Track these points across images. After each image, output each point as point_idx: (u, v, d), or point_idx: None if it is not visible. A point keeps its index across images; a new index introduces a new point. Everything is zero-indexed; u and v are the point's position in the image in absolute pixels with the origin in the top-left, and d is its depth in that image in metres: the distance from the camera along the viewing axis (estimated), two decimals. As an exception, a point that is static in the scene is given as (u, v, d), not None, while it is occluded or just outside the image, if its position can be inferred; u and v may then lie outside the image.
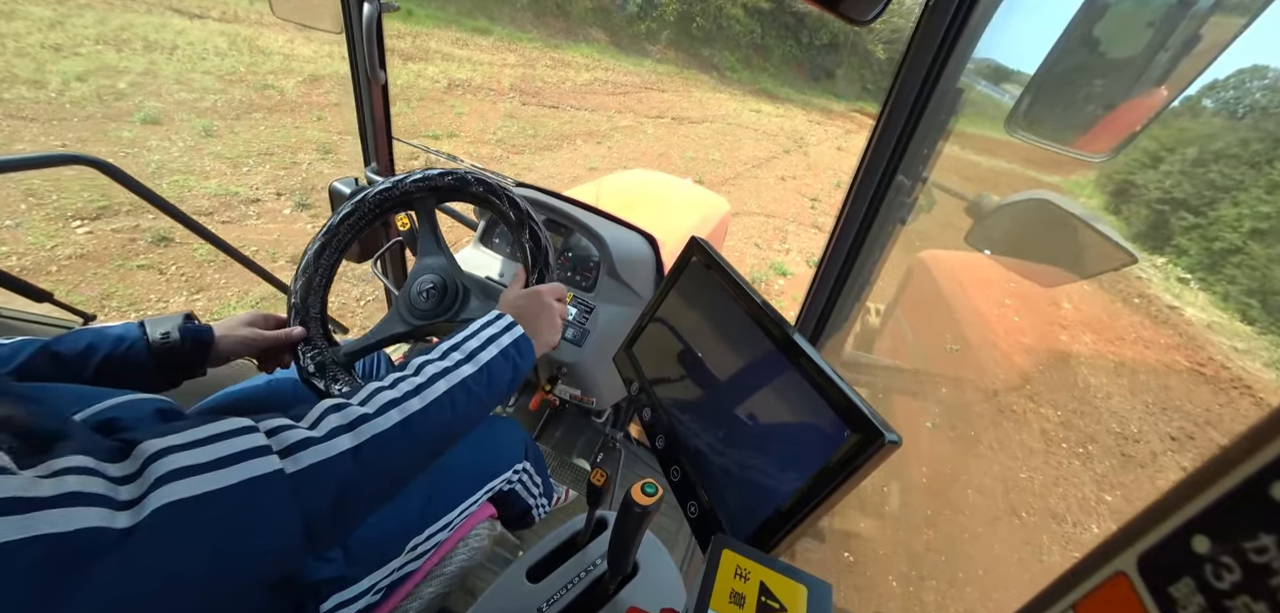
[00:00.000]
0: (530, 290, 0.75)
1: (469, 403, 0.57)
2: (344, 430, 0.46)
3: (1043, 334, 4.22)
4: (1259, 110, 8.77)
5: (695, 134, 9.10)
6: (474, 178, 0.85)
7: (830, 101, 16.88)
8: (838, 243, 0.93)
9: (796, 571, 0.42)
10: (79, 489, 0.32)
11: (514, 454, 0.96)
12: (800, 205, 6.69)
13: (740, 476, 0.52)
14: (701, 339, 0.63)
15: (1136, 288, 5.86)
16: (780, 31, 17.27)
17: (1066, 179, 6.87)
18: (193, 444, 0.39)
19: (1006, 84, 7.06)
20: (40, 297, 0.98)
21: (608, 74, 11.60)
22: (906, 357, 1.88)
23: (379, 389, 0.52)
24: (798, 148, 10.00)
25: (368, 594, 0.71)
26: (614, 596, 0.71)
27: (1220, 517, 0.18)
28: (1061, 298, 4.77)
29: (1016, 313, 4.16)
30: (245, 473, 0.39)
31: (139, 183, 1.06)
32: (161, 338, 0.70)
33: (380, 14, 1.19)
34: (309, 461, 0.43)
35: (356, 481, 0.45)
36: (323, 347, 0.84)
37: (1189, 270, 6.25)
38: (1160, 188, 7.23)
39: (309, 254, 0.86)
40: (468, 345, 0.61)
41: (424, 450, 0.53)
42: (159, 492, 0.35)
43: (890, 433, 0.41)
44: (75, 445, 0.35)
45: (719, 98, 12.91)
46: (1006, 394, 3.25)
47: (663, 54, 14.88)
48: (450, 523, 0.83)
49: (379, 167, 1.47)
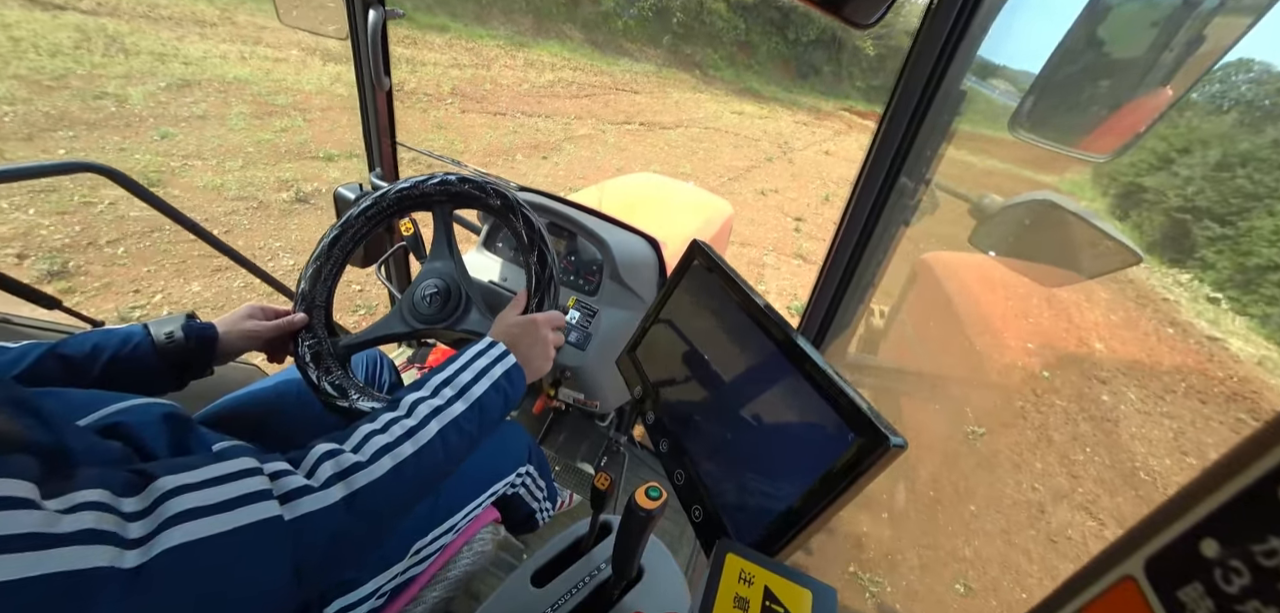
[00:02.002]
0: (527, 319, 0.75)
1: (460, 441, 0.58)
2: (338, 479, 0.47)
3: (1079, 387, 3.72)
4: (1244, 104, 8.63)
5: (665, 142, 8.12)
6: (494, 190, 0.85)
7: (818, 100, 16.32)
8: (841, 245, 0.93)
9: (801, 575, 0.42)
10: (94, 527, 0.33)
11: (518, 458, 0.96)
12: (782, 228, 5.72)
13: (744, 479, 0.52)
14: (705, 342, 0.63)
15: (1166, 312, 5.17)
16: (765, 27, 16.58)
17: (1062, 178, 6.29)
18: (203, 484, 0.40)
19: (993, 79, 6.86)
20: (50, 304, 0.99)
21: (576, 74, 10.56)
22: (911, 359, 1.87)
23: (372, 433, 0.53)
24: (782, 154, 9.14)
25: (372, 598, 0.71)
26: (619, 600, 0.71)
27: (1229, 520, 0.18)
28: (1092, 336, 4.41)
29: (1045, 368, 3.72)
30: (246, 518, 0.40)
31: (144, 189, 1.07)
32: (166, 338, 0.71)
33: (385, 21, 1.20)
34: (305, 509, 0.44)
35: (349, 529, 0.47)
36: (323, 335, 0.85)
37: (1217, 287, 5.61)
38: (1180, 194, 6.57)
39: (323, 244, 0.87)
40: (460, 379, 0.62)
41: (415, 494, 0.54)
42: (167, 533, 0.36)
43: (895, 436, 0.41)
44: (90, 476, 0.37)
45: (698, 98, 12.11)
46: (1055, 506, 2.68)
47: (642, 52, 13.92)
48: (454, 527, 0.83)
49: (383, 172, 1.48)
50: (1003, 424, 3.15)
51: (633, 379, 0.71)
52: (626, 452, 1.69)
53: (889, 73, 19.07)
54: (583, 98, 9.26)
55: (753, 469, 0.52)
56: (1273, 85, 8.86)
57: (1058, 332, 4.46)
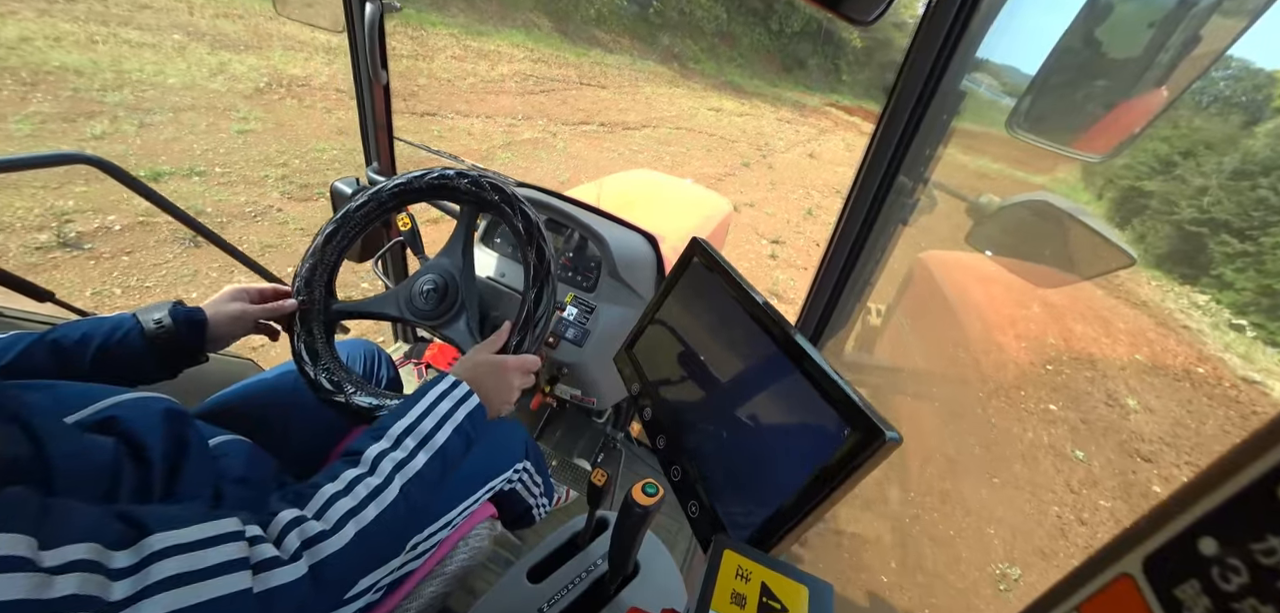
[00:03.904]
0: (498, 360, 0.75)
1: (422, 492, 0.59)
2: (304, 550, 0.48)
3: (1122, 474, 3.02)
4: (1222, 101, 8.52)
5: (626, 146, 7.03)
6: (521, 211, 0.84)
7: (803, 95, 15.55)
8: (839, 244, 0.93)
9: (798, 571, 0.42)
10: (78, 592, 0.34)
11: (515, 454, 0.96)
12: (755, 254, 4.83)
13: (741, 475, 0.52)
14: (702, 340, 0.63)
15: (1197, 347, 4.37)
16: (748, 18, 16.01)
17: (1051, 178, 6.00)
18: (193, 546, 0.41)
19: (976, 73, 6.76)
20: (42, 296, 0.98)
21: (536, 67, 9.49)
22: (908, 357, 1.87)
23: (335, 496, 0.53)
24: (761, 158, 8.16)
25: (368, 593, 0.71)
26: (615, 596, 0.71)
27: (1227, 518, 0.18)
28: (1122, 392, 3.61)
29: (1077, 448, 3.04)
30: (220, 589, 0.41)
31: (138, 181, 1.06)
32: (155, 324, 0.70)
33: (382, 14, 1.20)
34: (273, 583, 0.45)
35: (312, 601, 0.48)
36: (321, 304, 0.87)
37: (1239, 310, 4.95)
38: (1194, 204, 5.91)
39: (322, 235, 0.88)
40: (421, 427, 0.62)
41: (377, 557, 0.56)
42: (153, 600, 0.37)
43: (890, 431, 0.41)
44: (82, 524, 0.37)
45: (673, 94, 11.11)
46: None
47: (616, 43, 12.82)
48: (450, 522, 0.82)
49: (381, 166, 1.47)
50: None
51: (630, 376, 0.71)
52: (623, 448, 1.69)
53: (876, 66, 18.74)
54: (537, 94, 8.17)
55: (749, 465, 0.52)
56: (1248, 82, 8.91)
57: (1082, 387, 3.61)
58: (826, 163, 8.94)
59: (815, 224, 5.93)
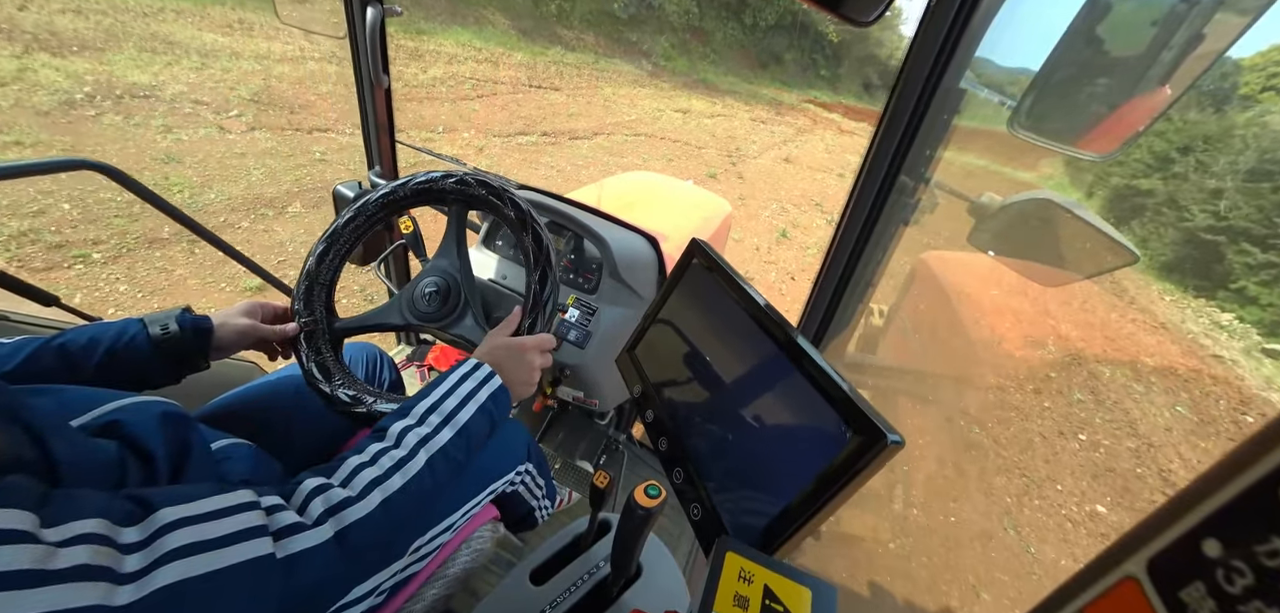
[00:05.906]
0: (515, 342, 0.75)
1: (447, 468, 0.59)
2: (329, 516, 0.48)
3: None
4: (1199, 90, 8.37)
5: (569, 160, 6.03)
6: (510, 200, 0.85)
7: (780, 92, 14.74)
8: (840, 244, 0.93)
9: (801, 573, 0.42)
10: (88, 562, 0.33)
11: (517, 456, 0.96)
12: None
13: (743, 477, 0.52)
14: (704, 341, 0.63)
15: (1237, 383, 3.79)
16: (721, 11, 15.28)
17: (1038, 175, 5.27)
18: (203, 518, 0.40)
19: (969, 72, 6.57)
20: (48, 301, 0.99)
21: (480, 68, 8.50)
22: (910, 358, 1.87)
23: (361, 466, 0.53)
24: (730, 167, 7.19)
25: (371, 595, 0.71)
26: (617, 598, 0.71)
27: (1232, 520, 0.18)
28: (1163, 458, 3.01)
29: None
30: (240, 555, 0.40)
31: (141, 185, 1.07)
32: (162, 331, 0.71)
33: (383, 18, 1.20)
34: (296, 547, 0.44)
35: (337, 565, 0.47)
36: (324, 345, 0.85)
37: (1268, 332, 4.40)
38: (1209, 210, 5.35)
39: (314, 255, 0.88)
40: (445, 405, 0.62)
41: (401, 530, 0.55)
42: (165, 569, 0.36)
43: (893, 434, 0.41)
44: (92, 502, 0.36)
45: (636, 95, 10.05)
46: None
47: (578, 40, 11.83)
48: (453, 524, 0.82)
49: (382, 170, 1.47)
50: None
51: (632, 378, 0.71)
52: (625, 450, 1.69)
53: (854, 59, 18.20)
54: (473, 100, 7.17)
55: (752, 467, 0.52)
56: (1218, 69, 8.75)
57: (1126, 463, 2.92)
58: (804, 168, 8.05)
59: (790, 249, 4.97)
